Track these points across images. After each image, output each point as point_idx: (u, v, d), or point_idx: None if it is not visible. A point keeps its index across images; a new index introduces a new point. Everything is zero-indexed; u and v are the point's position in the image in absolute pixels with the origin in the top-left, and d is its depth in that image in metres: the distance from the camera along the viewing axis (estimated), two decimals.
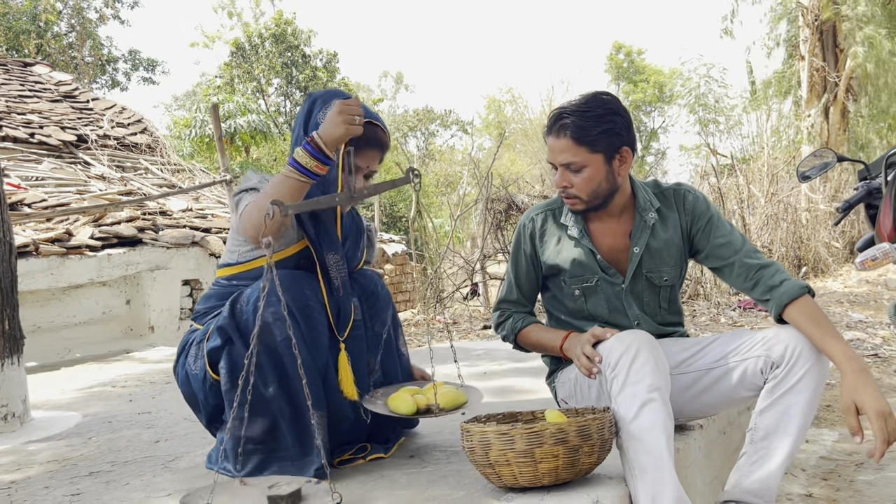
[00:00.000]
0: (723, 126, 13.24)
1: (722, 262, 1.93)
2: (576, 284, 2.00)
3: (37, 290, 4.49)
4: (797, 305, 1.76)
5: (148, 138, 8.62)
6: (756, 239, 8.71)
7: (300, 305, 1.79)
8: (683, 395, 1.92)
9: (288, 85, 24.57)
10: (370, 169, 1.94)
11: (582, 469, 1.63)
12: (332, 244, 1.92)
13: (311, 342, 1.80)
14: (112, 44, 21.99)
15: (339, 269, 1.93)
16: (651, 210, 1.96)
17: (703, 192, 2.08)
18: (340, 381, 1.89)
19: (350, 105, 1.69)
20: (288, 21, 24.37)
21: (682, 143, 31.17)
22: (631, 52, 30.50)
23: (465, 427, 1.68)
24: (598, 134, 1.82)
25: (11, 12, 19.55)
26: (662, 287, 2.00)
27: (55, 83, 9.43)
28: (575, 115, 1.83)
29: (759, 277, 1.85)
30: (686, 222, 1.98)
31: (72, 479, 2.03)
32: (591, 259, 1.97)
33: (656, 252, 1.97)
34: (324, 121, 1.71)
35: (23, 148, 7.37)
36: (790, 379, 1.71)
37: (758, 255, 1.90)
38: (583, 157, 1.84)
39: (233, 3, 27.44)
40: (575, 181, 1.87)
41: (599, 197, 1.90)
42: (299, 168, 1.69)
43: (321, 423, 1.78)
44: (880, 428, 1.56)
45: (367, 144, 1.89)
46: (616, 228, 1.98)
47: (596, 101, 1.86)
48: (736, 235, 1.94)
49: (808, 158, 3.23)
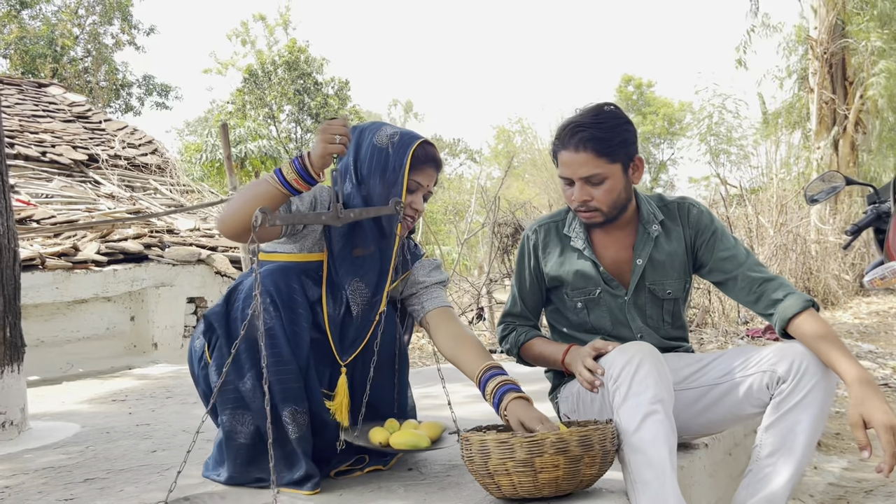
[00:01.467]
0: (734, 157, 13.26)
1: (725, 275, 1.91)
2: (578, 297, 1.98)
3: (41, 304, 4.49)
4: (801, 319, 1.73)
5: (158, 159, 8.68)
6: None
7: (284, 298, 1.77)
8: (688, 412, 1.89)
9: (299, 111, 24.80)
10: (429, 188, 1.94)
11: (583, 481, 1.60)
12: (357, 272, 1.87)
13: (292, 336, 1.76)
14: (127, 69, 22.30)
15: (362, 296, 1.88)
16: (654, 222, 1.95)
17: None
18: (334, 404, 1.85)
19: (332, 125, 1.69)
20: (301, 49, 24.67)
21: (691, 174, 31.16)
22: (640, 85, 30.68)
23: (464, 436, 1.65)
24: (616, 144, 1.82)
25: (29, 36, 19.85)
26: (666, 300, 1.98)
27: (69, 104, 9.53)
28: (593, 128, 1.81)
29: (763, 291, 1.83)
30: (690, 236, 1.96)
31: (66, 485, 2.00)
32: (594, 270, 1.95)
33: (659, 265, 1.95)
34: None
35: (34, 166, 7.43)
36: (796, 395, 1.68)
37: (761, 269, 1.88)
38: (604, 169, 1.82)
39: (247, 31, 27.80)
40: (596, 194, 1.85)
41: (618, 208, 1.89)
42: (280, 178, 1.69)
43: (299, 419, 1.73)
44: (889, 441, 1.52)
45: (427, 162, 1.91)
46: (620, 240, 1.97)
47: (607, 112, 1.85)
48: (740, 249, 1.92)
49: (816, 182, 3.21)
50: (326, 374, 1.87)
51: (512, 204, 7.86)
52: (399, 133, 1.91)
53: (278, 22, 27.19)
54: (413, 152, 1.87)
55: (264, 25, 27.30)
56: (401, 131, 1.92)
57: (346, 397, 1.86)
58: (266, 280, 1.78)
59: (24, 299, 4.22)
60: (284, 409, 1.73)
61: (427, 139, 1.93)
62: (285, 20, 27.11)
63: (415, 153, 1.87)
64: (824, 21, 12.00)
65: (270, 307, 1.75)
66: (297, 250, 1.90)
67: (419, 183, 1.91)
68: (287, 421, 1.74)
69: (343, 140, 1.68)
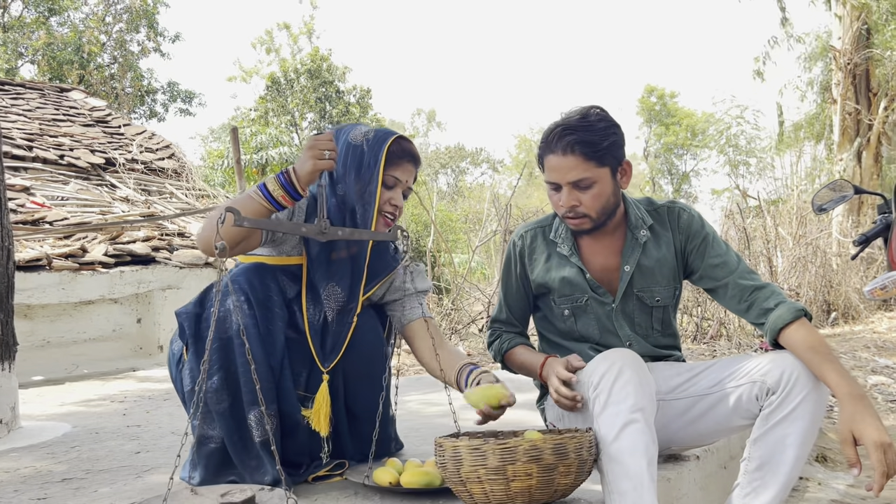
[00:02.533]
0: (753, 168, 13.07)
1: (716, 282, 1.85)
2: (565, 304, 1.93)
3: (48, 305, 4.51)
4: (793, 329, 1.67)
5: (175, 164, 8.74)
6: (783, 282, 8.50)
7: (259, 296, 1.75)
8: (677, 422, 1.83)
9: (321, 119, 24.92)
10: (408, 184, 1.91)
11: (558, 490, 1.54)
12: (337, 274, 1.85)
13: (266, 334, 1.73)
14: (152, 75, 22.54)
15: (336, 301, 1.85)
16: (643, 228, 1.90)
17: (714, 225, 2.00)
18: (314, 412, 1.82)
19: (320, 140, 1.66)
20: (324, 57, 24.82)
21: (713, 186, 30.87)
22: (663, 95, 30.49)
23: (438, 441, 1.61)
24: (605, 148, 1.76)
25: (57, 42, 20.15)
26: (655, 307, 1.92)
27: (89, 108, 9.64)
28: (581, 131, 1.75)
29: (754, 300, 1.77)
30: (680, 241, 1.91)
31: (43, 484, 1.99)
32: (581, 278, 1.91)
33: (648, 271, 1.89)
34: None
35: (52, 169, 7.51)
36: (786, 406, 1.61)
37: (753, 277, 1.81)
38: (592, 173, 1.77)
39: (271, 39, 28.03)
40: (584, 199, 1.79)
41: (607, 213, 1.83)
42: (265, 193, 1.66)
43: (265, 422, 1.68)
44: (879, 460, 1.45)
45: (404, 157, 1.88)
46: (608, 246, 1.91)
47: (595, 115, 1.79)
48: (731, 256, 1.86)
49: (825, 191, 3.13)
50: (303, 374, 1.84)
51: (524, 212, 7.80)
52: (374, 130, 1.88)
53: (302, 30, 27.40)
54: (388, 148, 1.84)
55: (288, 34, 27.53)
56: (376, 129, 1.89)
57: (326, 405, 1.83)
58: (240, 278, 1.76)
59: (30, 299, 4.26)
60: (251, 412, 1.70)
61: (403, 135, 1.90)
62: (309, 29, 27.31)
63: (390, 149, 1.85)
64: (848, 31, 11.83)
65: (245, 305, 1.72)
66: (275, 254, 1.87)
67: (396, 178, 1.87)
68: (252, 424, 1.70)
69: (332, 155, 1.65)
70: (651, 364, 1.91)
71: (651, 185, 28.58)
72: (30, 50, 20.37)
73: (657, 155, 29.72)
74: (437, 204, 20.04)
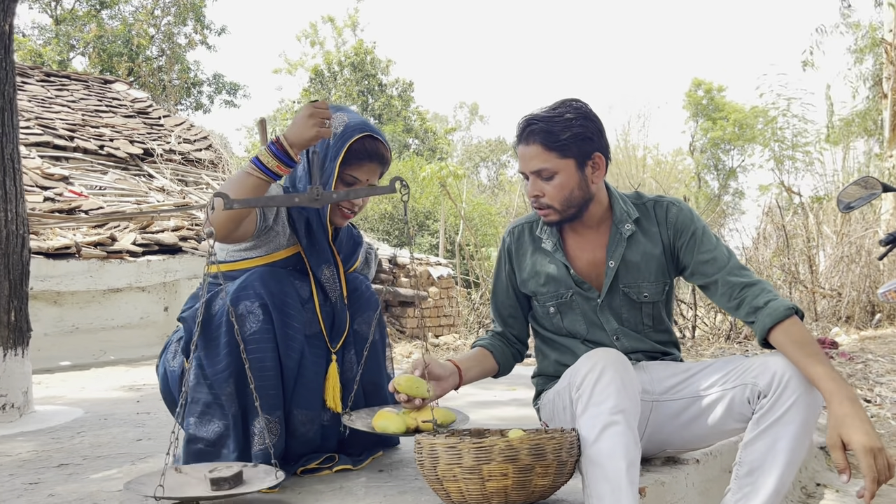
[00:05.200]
0: (799, 164, 12.72)
1: (706, 279, 1.79)
2: (550, 301, 1.89)
3: (77, 292, 4.61)
4: (783, 328, 1.60)
5: (212, 154, 8.87)
6: (825, 281, 8.27)
7: (277, 301, 1.75)
8: (671, 424, 1.78)
9: (363, 112, 25.06)
10: (370, 183, 1.91)
11: (535, 492, 1.51)
12: (324, 256, 1.89)
13: (283, 339, 1.74)
14: (198, 68, 22.89)
15: (334, 285, 1.90)
16: (628, 222, 1.84)
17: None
18: (327, 392, 1.86)
19: (320, 108, 1.66)
20: (368, 50, 24.92)
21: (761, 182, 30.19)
22: (711, 89, 29.87)
23: (417, 438, 1.58)
24: (567, 138, 1.73)
25: (107, 35, 20.59)
26: (644, 304, 1.86)
27: (131, 100, 9.83)
28: (543, 121, 1.75)
29: (744, 297, 1.70)
30: (669, 236, 1.85)
31: (39, 468, 2.02)
32: (565, 273, 1.87)
33: (633, 266, 1.84)
34: (293, 121, 1.69)
35: (91, 159, 7.67)
36: (777, 410, 1.55)
37: (744, 273, 1.75)
38: (553, 164, 1.75)
39: (315, 32, 28.24)
40: (547, 189, 1.77)
41: (573, 206, 1.79)
42: (260, 166, 1.65)
43: (271, 428, 1.73)
44: (868, 465, 1.39)
45: (367, 158, 1.86)
46: (593, 241, 1.87)
47: (565, 106, 1.78)
48: (721, 251, 1.79)
49: (852, 188, 3.02)
50: (323, 364, 1.87)
51: None
52: (345, 124, 1.85)
53: (346, 23, 27.53)
54: (351, 146, 1.82)
55: (333, 27, 27.70)
56: (349, 122, 1.86)
57: (336, 383, 1.87)
58: (256, 283, 1.76)
59: (58, 286, 4.36)
60: (255, 420, 1.72)
61: (373, 133, 1.87)
62: (353, 22, 27.43)
63: (354, 147, 1.82)
64: None
65: (259, 310, 1.73)
66: (263, 253, 1.86)
67: (355, 178, 1.86)
68: (255, 432, 1.72)
69: (330, 124, 1.67)
70: (646, 363, 1.85)
71: (697, 180, 28.06)
72: (81, 42, 20.86)
73: (703, 150, 29.16)
74: (478, 197, 19.99)
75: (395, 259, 7.22)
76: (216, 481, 1.52)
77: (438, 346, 6.65)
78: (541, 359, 2.00)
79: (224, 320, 1.72)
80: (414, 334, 6.75)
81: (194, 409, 1.77)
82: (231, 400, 1.71)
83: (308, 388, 1.81)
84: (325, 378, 1.86)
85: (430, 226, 16.54)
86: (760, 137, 16.18)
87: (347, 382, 1.91)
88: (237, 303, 1.71)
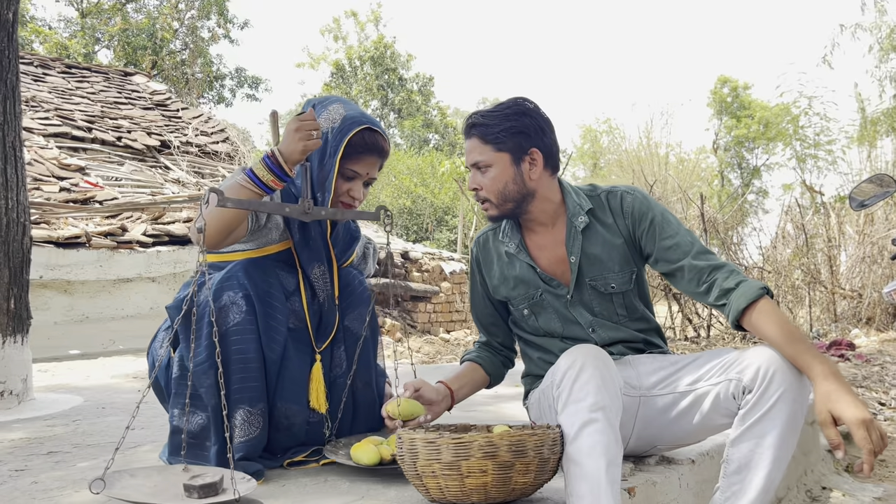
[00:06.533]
0: (821, 162, 12.52)
1: (671, 265, 1.74)
2: (522, 303, 1.87)
3: (87, 281, 4.64)
4: (756, 310, 1.56)
5: (229, 147, 8.91)
6: (846, 282, 8.14)
7: (260, 292, 1.73)
8: (660, 420, 1.74)
9: (383, 107, 25.08)
10: (370, 176, 1.88)
11: (515, 489, 1.47)
12: (316, 253, 1.87)
13: (265, 331, 1.72)
14: (221, 61, 23.04)
15: (325, 283, 1.88)
16: (581, 214, 1.81)
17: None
18: (311, 392, 1.83)
19: (305, 121, 1.64)
20: (387, 45, 24.93)
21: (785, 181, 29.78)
22: (737, 87, 29.50)
23: (399, 433, 1.56)
24: (501, 132, 1.75)
25: (132, 28, 20.78)
26: (613, 294, 1.83)
27: (150, 92, 9.91)
28: (483, 116, 1.78)
29: (713, 280, 1.66)
30: (628, 226, 1.81)
31: (28, 456, 2.02)
32: (532, 273, 1.84)
33: (595, 259, 1.81)
34: (283, 136, 1.68)
35: (109, 150, 7.74)
36: (762, 406, 1.51)
37: (709, 257, 1.70)
38: (487, 156, 1.76)
39: (339, 27, 28.30)
40: (483, 182, 1.79)
41: (509, 200, 1.78)
42: (255, 180, 1.65)
43: (253, 420, 1.70)
44: (863, 438, 1.34)
45: (366, 151, 1.84)
46: (552, 239, 1.85)
47: (508, 102, 1.80)
48: (684, 235, 1.75)
49: (866, 185, 2.95)
50: (308, 362, 1.84)
51: None
52: (342, 117, 1.82)
53: (369, 18, 27.57)
54: (351, 140, 1.79)
55: (355, 21, 27.74)
56: (346, 114, 1.83)
57: (320, 383, 1.83)
58: (239, 273, 1.75)
59: (68, 275, 4.38)
60: (237, 411, 1.69)
61: (371, 125, 1.85)
62: (376, 16, 27.46)
63: (353, 141, 1.80)
64: None
65: (242, 301, 1.71)
66: (254, 246, 1.85)
67: (356, 171, 1.84)
68: (236, 424, 1.70)
69: (318, 134, 1.66)
70: (632, 357, 1.82)
71: (720, 178, 27.76)
72: (106, 36, 21.07)
73: (727, 148, 28.83)
74: None
75: (408, 254, 7.19)
76: (188, 488, 1.50)
77: (448, 341, 6.62)
78: (526, 360, 1.98)
79: (207, 311, 1.70)
80: (425, 329, 6.72)
81: (178, 401, 1.75)
82: (211, 392, 1.69)
83: (293, 382, 1.78)
84: (308, 376, 1.83)
85: (449, 221, 16.53)
86: (783, 136, 15.95)
87: (336, 380, 1.88)
88: (221, 293, 1.70)
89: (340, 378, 1.89)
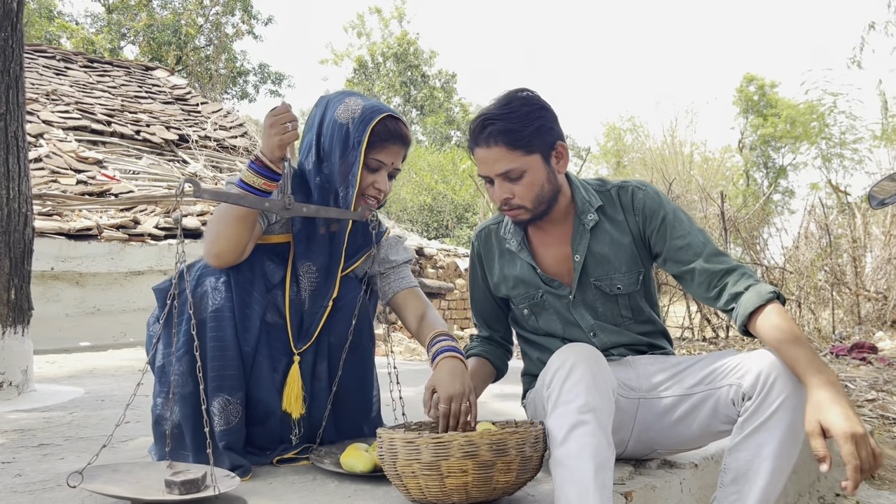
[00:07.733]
0: (847, 162, 12.28)
1: (681, 267, 1.67)
2: (522, 303, 1.81)
3: (98, 273, 4.64)
4: (762, 314, 1.49)
5: (247, 142, 8.92)
6: (870, 283, 7.96)
7: (240, 279, 1.70)
8: (659, 423, 1.67)
9: (405, 104, 25.07)
10: (394, 166, 1.82)
11: (497, 488, 1.42)
12: (313, 250, 1.81)
13: (241, 319, 1.68)
14: (245, 57, 23.16)
15: (311, 280, 1.81)
16: (590, 211, 1.73)
17: (666, 199, 1.79)
18: (285, 394, 1.77)
19: (278, 115, 1.60)
20: (410, 41, 24.90)
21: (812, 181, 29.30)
22: (763, 85, 29.08)
23: (379, 432, 1.51)
24: (530, 134, 1.62)
25: (157, 24, 20.95)
26: (619, 296, 1.76)
27: (170, 87, 9.95)
28: (502, 119, 1.62)
29: (724, 284, 1.59)
30: (637, 223, 1.73)
31: (17, 448, 2.00)
32: (532, 273, 1.77)
33: (602, 258, 1.73)
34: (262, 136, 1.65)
35: (127, 144, 7.78)
36: (761, 414, 1.44)
37: (722, 259, 1.62)
38: (520, 163, 1.63)
39: (362, 23, 28.33)
40: (516, 190, 1.66)
41: (545, 202, 1.69)
42: (247, 188, 1.62)
43: (230, 409, 1.65)
44: (850, 453, 1.25)
45: (391, 139, 1.78)
46: (558, 236, 1.77)
47: (518, 99, 1.66)
48: (696, 235, 1.67)
49: (886, 183, 2.86)
50: (283, 361, 1.79)
51: None
52: (362, 107, 1.77)
53: (393, 14, 27.56)
54: (373, 128, 1.74)
55: (379, 18, 27.75)
56: (364, 104, 1.78)
57: (297, 387, 1.78)
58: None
59: (80, 267, 4.39)
60: (214, 399, 1.66)
61: (393, 113, 1.79)
62: (400, 13, 27.44)
63: (375, 129, 1.74)
64: None
65: (222, 287, 1.68)
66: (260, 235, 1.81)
67: (381, 161, 1.77)
68: (214, 412, 1.66)
69: (294, 126, 1.61)
70: (633, 358, 1.75)
71: (745, 177, 27.40)
72: (132, 31, 21.26)
73: (753, 147, 28.44)
74: None
75: (422, 250, 7.15)
76: (169, 483, 1.48)
77: (463, 338, 6.57)
78: (526, 359, 1.92)
79: (188, 296, 1.67)
80: None
81: (161, 390, 1.73)
82: (187, 378, 1.65)
83: (262, 377, 1.72)
84: (283, 375, 1.77)
85: (469, 218, 16.47)
86: (808, 135, 15.67)
87: (318, 393, 1.82)
88: (203, 279, 1.67)
89: (321, 383, 1.83)
